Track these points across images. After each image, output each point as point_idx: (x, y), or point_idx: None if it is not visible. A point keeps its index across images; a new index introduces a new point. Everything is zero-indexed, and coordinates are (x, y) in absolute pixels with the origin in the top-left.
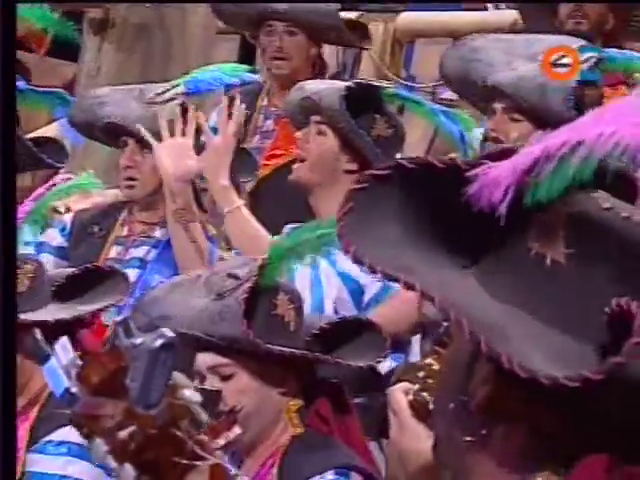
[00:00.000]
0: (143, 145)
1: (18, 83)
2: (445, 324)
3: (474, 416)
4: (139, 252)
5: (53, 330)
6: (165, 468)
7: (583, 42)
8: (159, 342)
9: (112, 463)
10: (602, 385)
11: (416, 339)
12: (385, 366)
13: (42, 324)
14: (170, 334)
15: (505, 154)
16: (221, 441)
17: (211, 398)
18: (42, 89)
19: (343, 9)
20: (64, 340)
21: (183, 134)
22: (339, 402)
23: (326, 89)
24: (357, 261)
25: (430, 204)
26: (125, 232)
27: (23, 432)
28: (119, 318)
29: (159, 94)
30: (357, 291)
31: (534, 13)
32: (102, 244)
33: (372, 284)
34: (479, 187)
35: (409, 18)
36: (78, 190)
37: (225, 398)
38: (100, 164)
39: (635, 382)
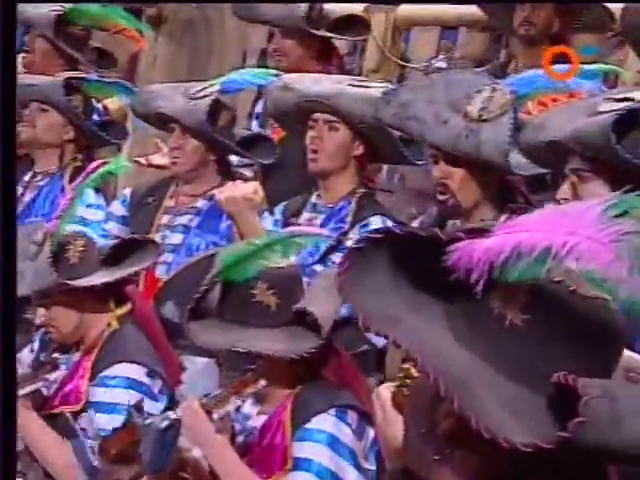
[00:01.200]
0: (186, 131)
1: (89, 75)
2: None
3: (440, 440)
4: (183, 220)
5: (102, 290)
6: None
7: (503, 85)
8: (165, 424)
9: None
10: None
11: None
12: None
13: (91, 287)
14: (174, 416)
15: (476, 231)
16: (250, 390)
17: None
18: (108, 79)
19: (350, 1)
20: (90, 414)
21: None
22: (338, 353)
23: (343, 93)
24: (354, 310)
25: (414, 264)
26: (172, 203)
27: (84, 371)
28: (134, 401)
29: (199, 91)
30: None
31: (497, 12)
32: (154, 213)
33: None
34: (457, 259)
35: (406, 9)
36: (110, 176)
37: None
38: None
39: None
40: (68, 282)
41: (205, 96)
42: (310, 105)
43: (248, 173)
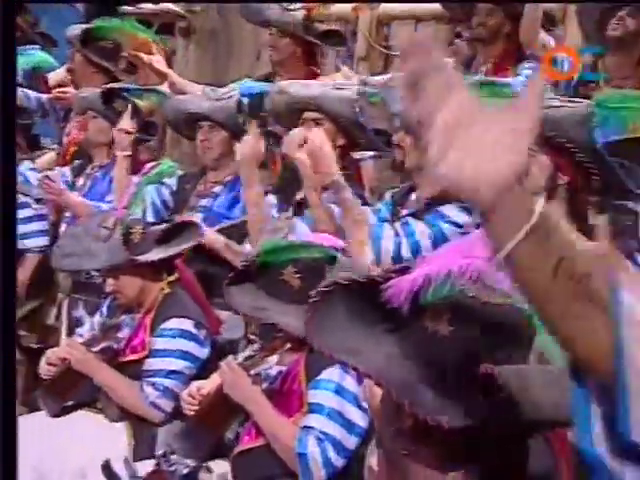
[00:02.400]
0: (214, 125)
1: (129, 85)
2: None
3: (407, 436)
4: (204, 202)
5: (158, 263)
6: None
7: None
8: (186, 470)
9: None
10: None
11: None
12: None
13: (151, 262)
14: (193, 464)
15: (401, 270)
16: (277, 353)
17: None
18: (145, 87)
19: (342, 1)
20: (152, 360)
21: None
22: None
23: (326, 95)
24: (320, 351)
25: (363, 302)
26: (202, 188)
27: (146, 327)
28: (186, 348)
29: (225, 93)
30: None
31: (456, 8)
32: (188, 197)
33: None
34: (391, 293)
35: (387, 7)
36: (162, 175)
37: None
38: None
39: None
40: (136, 258)
41: (231, 97)
42: (300, 106)
43: None
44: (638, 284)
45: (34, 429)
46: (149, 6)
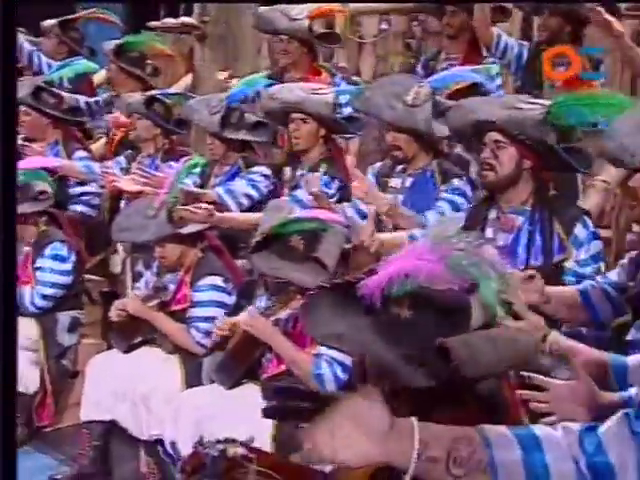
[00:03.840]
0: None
1: (163, 92)
2: None
3: (386, 395)
4: (216, 181)
5: (194, 234)
6: None
7: (426, 83)
8: (216, 453)
9: None
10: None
11: None
12: None
13: (187, 234)
14: (221, 447)
15: (369, 272)
16: (292, 304)
17: None
18: (172, 91)
19: (329, 1)
20: (192, 309)
21: None
22: None
23: (310, 99)
24: (311, 335)
25: (344, 299)
26: (216, 171)
27: (187, 284)
28: (217, 297)
29: (215, 106)
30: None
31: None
32: (209, 178)
33: None
34: (364, 291)
35: (357, 4)
36: (195, 167)
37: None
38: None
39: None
40: (179, 231)
41: (219, 111)
42: (287, 108)
43: None
44: None
45: (110, 363)
46: (172, 20)
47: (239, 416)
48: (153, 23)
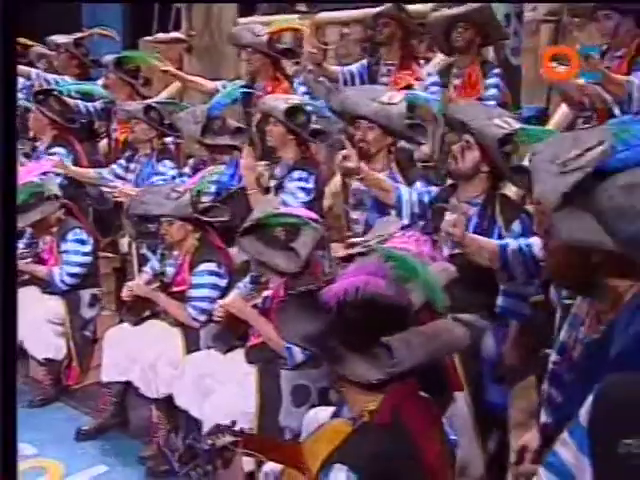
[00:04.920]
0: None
1: (158, 100)
2: None
3: (339, 380)
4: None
5: (199, 222)
6: None
7: None
8: (220, 445)
9: None
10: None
11: None
12: None
13: (196, 219)
14: (211, 442)
15: (329, 281)
16: (265, 293)
17: None
18: (165, 100)
19: (343, 1)
20: (191, 290)
21: None
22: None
23: (277, 106)
24: (281, 337)
25: (309, 304)
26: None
27: (186, 268)
28: (212, 280)
29: (198, 115)
30: None
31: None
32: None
33: None
34: (326, 297)
35: (322, 15)
36: (215, 176)
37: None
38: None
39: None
40: (199, 217)
41: (200, 121)
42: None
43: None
44: None
45: (123, 334)
46: (163, 35)
47: (230, 374)
48: (147, 38)
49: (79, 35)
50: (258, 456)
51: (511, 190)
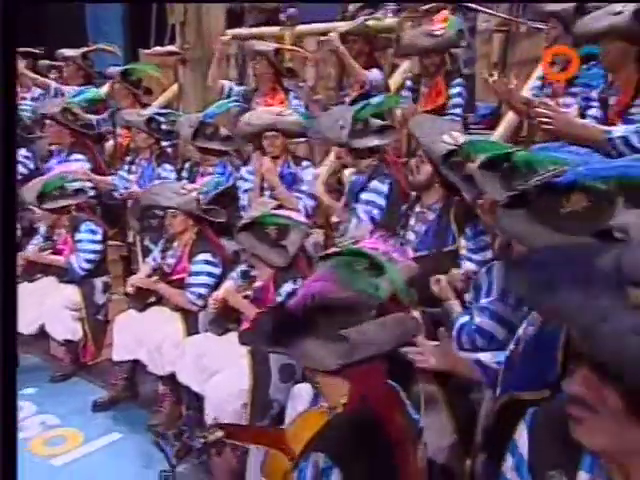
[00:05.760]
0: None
1: (157, 111)
2: None
3: (312, 372)
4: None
5: (199, 217)
6: None
7: (354, 107)
8: (211, 440)
9: None
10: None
11: None
12: None
13: (197, 214)
14: (203, 440)
15: (293, 293)
16: (255, 284)
17: None
18: (164, 111)
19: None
20: (191, 278)
21: None
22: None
23: (279, 120)
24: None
25: (281, 315)
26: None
27: (185, 258)
28: (208, 269)
29: (193, 120)
30: None
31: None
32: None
33: None
34: (294, 302)
35: (301, 28)
36: (216, 180)
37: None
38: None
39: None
40: (202, 215)
41: (193, 126)
42: (262, 130)
43: None
44: None
45: (130, 319)
46: (159, 48)
47: (226, 354)
48: (144, 51)
49: (86, 49)
50: (245, 444)
51: None
